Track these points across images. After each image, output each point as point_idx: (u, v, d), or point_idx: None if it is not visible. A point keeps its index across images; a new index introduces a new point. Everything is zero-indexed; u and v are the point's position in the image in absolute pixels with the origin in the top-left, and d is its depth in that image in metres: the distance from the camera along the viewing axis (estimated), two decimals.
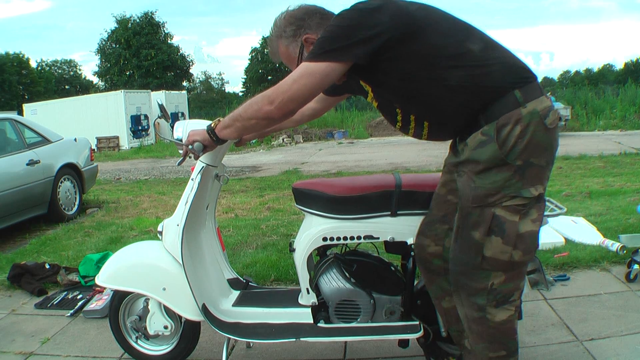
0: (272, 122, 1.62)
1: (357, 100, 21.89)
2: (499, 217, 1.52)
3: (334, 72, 1.50)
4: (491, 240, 1.54)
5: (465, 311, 1.65)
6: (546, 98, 1.54)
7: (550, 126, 1.50)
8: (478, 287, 1.59)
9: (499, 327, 1.61)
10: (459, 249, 1.62)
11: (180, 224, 2.02)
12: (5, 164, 5.15)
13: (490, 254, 1.54)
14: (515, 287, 1.60)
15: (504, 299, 1.59)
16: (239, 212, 5.74)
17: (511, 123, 1.48)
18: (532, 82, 1.54)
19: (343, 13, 1.53)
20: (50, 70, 47.66)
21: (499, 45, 1.59)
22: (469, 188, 1.55)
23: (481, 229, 1.54)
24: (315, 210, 2.03)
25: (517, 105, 1.49)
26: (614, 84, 27.07)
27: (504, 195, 1.51)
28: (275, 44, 1.78)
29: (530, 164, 1.50)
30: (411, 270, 2.00)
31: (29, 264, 3.71)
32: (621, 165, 7.82)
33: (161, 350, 2.29)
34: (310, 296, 2.06)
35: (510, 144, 1.48)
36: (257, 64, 38.66)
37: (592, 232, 3.75)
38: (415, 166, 9.15)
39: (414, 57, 1.51)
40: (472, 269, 1.58)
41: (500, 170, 1.50)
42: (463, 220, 1.59)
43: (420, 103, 1.60)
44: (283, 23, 1.75)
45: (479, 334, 1.64)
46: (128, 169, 12.13)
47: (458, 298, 1.67)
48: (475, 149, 1.53)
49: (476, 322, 1.62)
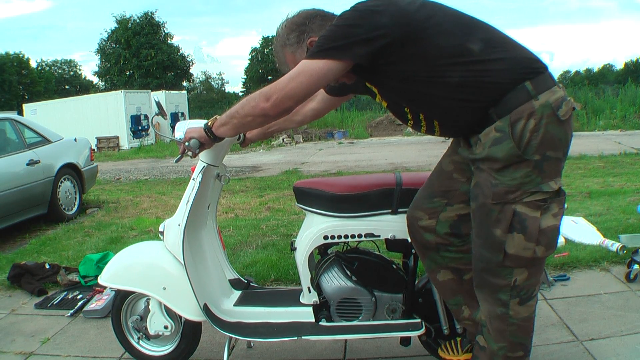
0: (268, 119, 1.62)
1: (357, 100, 21.89)
2: (520, 214, 1.51)
3: (332, 71, 1.50)
4: (513, 237, 1.52)
5: (488, 308, 1.64)
6: (558, 88, 1.51)
7: (563, 118, 1.48)
8: (501, 284, 1.58)
9: (521, 324, 1.60)
10: (481, 245, 1.60)
11: (181, 224, 2.02)
12: (5, 164, 5.15)
13: (513, 251, 1.53)
14: (536, 282, 1.60)
15: (528, 296, 1.59)
16: (239, 212, 5.74)
17: (524, 117, 1.47)
18: (543, 72, 1.52)
19: (344, 13, 1.54)
20: (50, 70, 47.65)
21: (506, 37, 1.57)
22: (490, 185, 1.54)
23: (502, 226, 1.53)
24: (316, 209, 2.04)
25: (529, 98, 1.47)
26: (614, 84, 27.02)
27: (524, 192, 1.50)
28: (281, 54, 1.78)
29: (548, 158, 1.49)
30: (412, 268, 2.00)
31: (29, 264, 3.70)
32: (621, 165, 7.82)
33: (162, 351, 2.29)
34: (311, 295, 2.06)
35: (526, 140, 1.47)
36: (257, 64, 38.72)
37: (592, 232, 3.74)
38: (415, 166, 9.15)
39: (415, 59, 1.50)
40: (495, 266, 1.57)
41: (518, 166, 1.49)
42: (483, 217, 1.57)
43: (426, 103, 1.60)
44: (285, 31, 1.74)
45: (501, 333, 1.62)
46: (128, 169, 12.13)
47: (481, 294, 1.66)
48: (492, 146, 1.51)
49: (499, 319, 1.62)
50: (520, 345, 1.63)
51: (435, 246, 1.79)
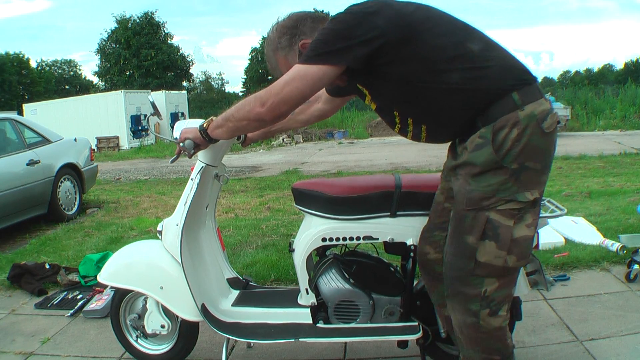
0: (264, 124, 1.61)
1: (357, 101, 21.79)
2: (493, 221, 1.50)
3: (327, 76, 1.48)
4: (485, 245, 1.51)
5: (459, 317, 1.63)
6: (545, 101, 1.51)
7: (547, 130, 1.48)
8: (471, 294, 1.57)
9: (492, 333, 1.59)
10: (453, 253, 1.60)
11: (179, 224, 2.02)
12: (5, 164, 5.15)
13: (484, 259, 1.52)
14: (507, 293, 1.59)
15: (498, 307, 1.57)
16: (239, 212, 5.74)
17: (508, 126, 1.46)
18: (532, 84, 1.52)
19: (337, 16, 1.51)
20: (50, 70, 47.63)
21: (498, 46, 1.57)
22: (464, 191, 1.53)
23: (475, 233, 1.52)
24: (315, 210, 2.03)
25: (514, 108, 1.47)
26: (614, 84, 27.04)
27: (498, 199, 1.49)
28: (273, 59, 1.77)
29: (526, 168, 1.48)
30: (410, 271, 1.99)
31: (29, 264, 3.70)
32: (621, 165, 7.82)
33: (160, 349, 2.29)
34: (309, 296, 2.06)
35: (507, 148, 1.46)
36: (257, 64, 38.65)
37: (592, 232, 3.75)
38: (415, 166, 9.15)
39: (410, 61, 1.49)
40: (465, 274, 1.56)
41: (495, 173, 1.48)
42: (457, 224, 1.57)
43: (418, 106, 1.58)
44: (276, 35, 1.73)
45: (473, 339, 1.62)
46: (128, 169, 12.13)
47: (452, 304, 1.65)
48: (473, 151, 1.51)
49: (470, 328, 1.61)
50: (495, 350, 1.62)
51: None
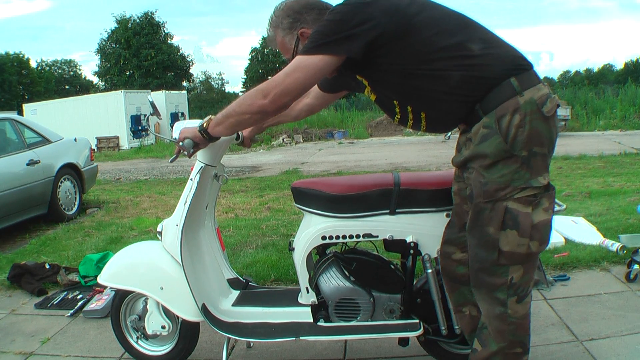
0: (266, 115, 1.64)
1: (357, 100, 21.90)
2: (512, 210, 1.51)
3: (327, 66, 1.53)
4: (507, 234, 1.53)
5: (487, 307, 1.64)
6: (543, 86, 1.53)
7: (547, 114, 1.50)
8: (498, 283, 1.58)
9: (519, 323, 1.61)
10: (476, 245, 1.61)
11: (179, 224, 2.02)
12: (5, 164, 5.14)
13: (507, 248, 1.54)
14: (530, 278, 1.61)
15: (525, 293, 1.59)
16: (239, 212, 5.74)
17: (509, 113, 1.48)
18: (529, 69, 1.54)
19: (336, 8, 1.56)
20: (50, 70, 47.61)
21: (494, 35, 1.59)
22: (479, 184, 1.55)
23: (495, 224, 1.53)
24: (314, 209, 2.03)
25: (514, 94, 1.49)
26: (614, 84, 27.04)
27: (514, 188, 1.51)
28: (272, 32, 1.82)
29: (535, 154, 1.50)
30: (411, 269, 2.00)
31: (29, 264, 3.70)
32: (621, 165, 7.82)
33: (160, 350, 2.29)
34: (309, 295, 2.06)
35: (512, 135, 1.48)
36: (257, 64, 38.71)
37: (592, 232, 3.75)
38: (415, 166, 9.14)
39: (407, 52, 1.52)
40: (490, 265, 1.58)
41: (506, 162, 1.50)
42: (476, 217, 1.58)
43: (416, 96, 1.60)
44: (281, 14, 1.77)
45: (501, 333, 1.63)
46: (128, 169, 12.13)
47: (479, 294, 1.66)
48: (480, 143, 1.52)
49: (498, 319, 1.62)
50: (519, 342, 1.64)
51: (467, 279, 1.77)
